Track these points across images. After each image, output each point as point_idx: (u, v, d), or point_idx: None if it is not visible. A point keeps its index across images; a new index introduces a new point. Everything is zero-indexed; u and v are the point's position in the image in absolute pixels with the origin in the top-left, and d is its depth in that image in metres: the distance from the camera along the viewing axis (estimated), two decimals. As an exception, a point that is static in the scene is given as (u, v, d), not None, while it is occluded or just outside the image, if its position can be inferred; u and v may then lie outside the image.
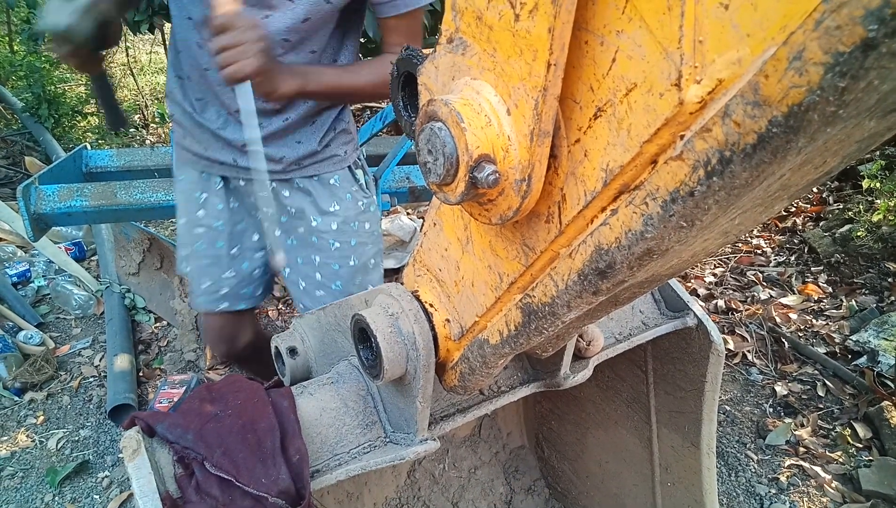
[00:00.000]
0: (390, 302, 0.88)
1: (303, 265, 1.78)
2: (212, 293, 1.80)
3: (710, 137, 0.45)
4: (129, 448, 0.86)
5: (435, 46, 0.68)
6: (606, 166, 0.55)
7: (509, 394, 1.16)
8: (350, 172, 1.77)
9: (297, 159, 1.65)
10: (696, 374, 1.35)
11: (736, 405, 2.76)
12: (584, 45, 0.54)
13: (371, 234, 1.81)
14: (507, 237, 0.71)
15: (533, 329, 0.73)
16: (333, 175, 1.72)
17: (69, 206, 2.40)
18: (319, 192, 1.71)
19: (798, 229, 3.96)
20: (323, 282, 1.78)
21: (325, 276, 1.77)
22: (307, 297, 1.81)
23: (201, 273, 1.78)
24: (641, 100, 0.50)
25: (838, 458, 2.45)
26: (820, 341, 3.04)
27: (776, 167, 0.45)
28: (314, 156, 1.67)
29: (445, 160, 0.59)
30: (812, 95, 0.38)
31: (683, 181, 0.48)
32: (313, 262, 1.76)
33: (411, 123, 0.76)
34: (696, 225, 0.51)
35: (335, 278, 1.77)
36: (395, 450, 0.99)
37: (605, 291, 0.62)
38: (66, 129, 6.19)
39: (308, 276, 1.79)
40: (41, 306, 3.62)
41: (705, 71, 0.45)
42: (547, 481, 1.97)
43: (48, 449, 2.63)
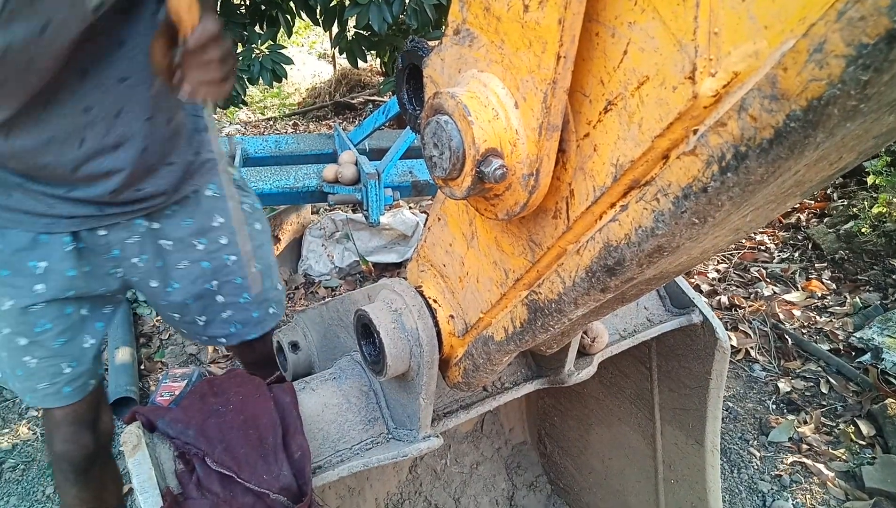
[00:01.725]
0: (394, 298, 0.87)
1: (195, 302, 1.51)
2: (78, 377, 1.43)
3: (725, 132, 0.44)
4: (129, 443, 0.85)
5: (441, 38, 0.67)
6: (616, 161, 0.53)
7: (513, 391, 1.16)
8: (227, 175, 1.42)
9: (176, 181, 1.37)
10: (700, 371, 1.34)
11: (739, 402, 2.75)
12: (595, 37, 0.53)
13: (263, 233, 1.59)
14: (513, 233, 0.70)
15: (539, 326, 0.72)
16: (210, 184, 1.46)
17: None
18: (198, 209, 1.44)
19: (802, 226, 3.94)
20: (228, 302, 1.54)
21: (229, 295, 1.53)
22: (213, 326, 1.57)
23: (56, 359, 1.39)
24: (654, 93, 0.49)
25: (841, 455, 2.44)
26: (823, 338, 3.03)
27: (792, 163, 0.43)
28: (190, 168, 1.40)
29: (451, 154, 0.58)
30: (833, 89, 0.37)
31: (696, 177, 0.47)
32: (210, 290, 1.51)
33: (416, 116, 0.75)
34: (709, 222, 0.50)
35: (241, 290, 1.54)
36: (398, 447, 0.98)
37: (613, 288, 0.61)
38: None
39: (207, 307, 1.53)
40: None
41: (720, 64, 0.43)
42: (549, 477, 1.96)
43: (50, 442, 2.63)
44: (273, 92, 7.99)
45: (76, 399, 1.44)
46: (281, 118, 7.50)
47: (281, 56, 3.61)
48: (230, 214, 1.43)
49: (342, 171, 2.95)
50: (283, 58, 3.61)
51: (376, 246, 3.80)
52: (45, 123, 1.14)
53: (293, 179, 2.97)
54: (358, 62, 3.71)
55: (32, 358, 1.36)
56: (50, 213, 1.26)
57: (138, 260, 1.41)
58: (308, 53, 9.91)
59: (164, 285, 1.47)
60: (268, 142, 3.45)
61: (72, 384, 1.42)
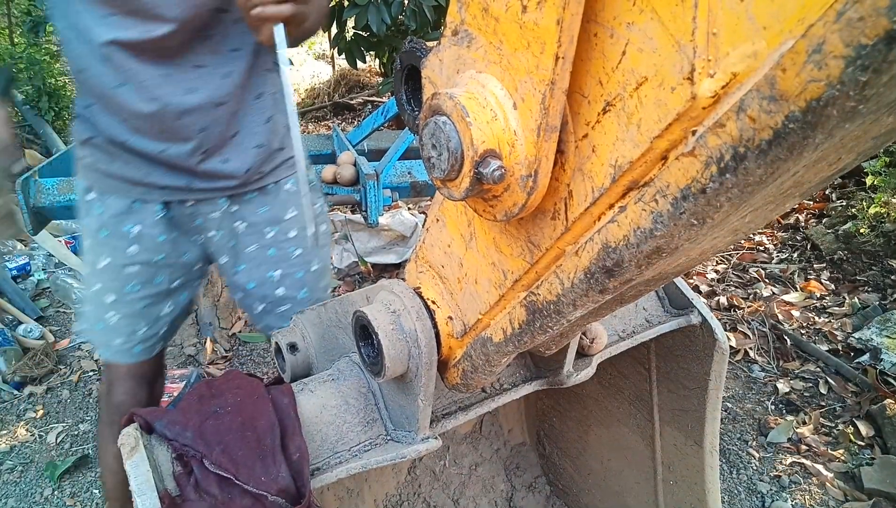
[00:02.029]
0: (392, 299, 0.87)
1: (257, 288, 1.62)
2: (149, 339, 1.59)
3: (724, 133, 0.44)
4: (127, 446, 0.85)
5: (439, 39, 0.67)
6: (615, 162, 0.53)
7: (512, 392, 1.15)
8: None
9: (257, 167, 1.51)
10: (699, 372, 1.33)
11: (738, 403, 2.76)
12: (594, 38, 0.52)
13: (326, 235, 1.72)
14: (511, 234, 0.70)
15: (538, 328, 0.72)
16: (289, 179, 1.58)
17: (69, 199, 2.39)
18: (275, 200, 1.57)
19: (801, 226, 3.94)
20: (287, 295, 1.63)
21: (288, 288, 1.62)
22: (269, 316, 1.66)
23: (135, 319, 1.54)
24: (652, 94, 0.48)
25: (840, 456, 2.44)
26: (822, 338, 3.03)
27: (791, 164, 0.43)
28: (272, 160, 1.53)
29: (450, 155, 0.58)
30: (832, 90, 0.37)
31: (695, 178, 0.47)
32: (272, 279, 1.60)
33: (415, 117, 0.75)
34: (708, 223, 0.49)
35: (300, 286, 1.63)
36: (397, 448, 0.98)
37: (612, 289, 0.61)
38: (66, 122, 6.18)
39: (266, 296, 1.62)
40: (41, 299, 3.62)
41: (719, 64, 0.43)
42: (548, 478, 1.96)
43: (47, 443, 2.63)
44: (272, 93, 7.97)
45: (144, 359, 1.59)
46: (280, 119, 7.48)
47: (280, 57, 3.61)
48: (303, 209, 1.52)
49: (341, 172, 2.95)
50: (281, 59, 3.61)
51: (375, 247, 3.80)
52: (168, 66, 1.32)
53: (292, 179, 2.96)
54: (357, 63, 3.71)
55: (115, 314, 1.51)
56: (145, 181, 1.43)
57: (215, 233, 1.55)
58: (307, 54, 9.91)
59: (233, 264, 1.59)
60: (266, 143, 3.44)
61: (143, 344, 1.57)
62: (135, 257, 1.48)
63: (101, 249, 1.48)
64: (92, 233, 1.48)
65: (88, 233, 1.50)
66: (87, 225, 1.49)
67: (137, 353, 1.57)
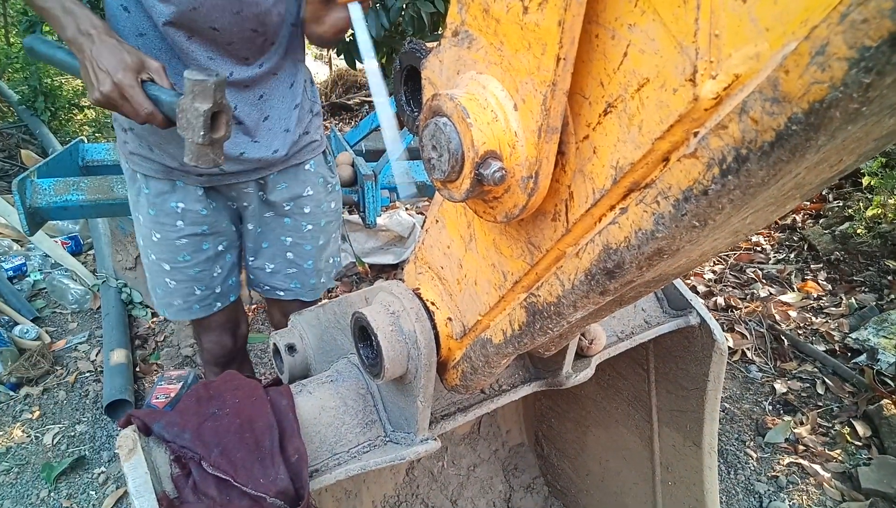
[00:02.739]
0: (391, 300, 0.87)
1: (268, 248, 1.81)
2: (206, 299, 1.77)
3: (726, 135, 0.44)
4: (124, 447, 0.84)
5: (439, 40, 0.67)
6: (616, 164, 0.53)
7: (511, 393, 1.15)
8: (323, 156, 1.82)
9: (287, 150, 1.64)
10: (698, 373, 1.33)
11: (735, 403, 2.76)
12: (595, 39, 0.52)
13: (336, 212, 1.88)
14: (511, 235, 0.70)
15: (538, 329, 0.71)
16: (310, 161, 1.75)
17: (65, 200, 2.38)
18: (294, 179, 1.72)
19: (798, 227, 3.95)
20: (294, 261, 1.83)
21: (297, 256, 1.82)
22: (275, 277, 1.85)
23: (190, 283, 1.73)
24: (654, 95, 0.48)
25: (837, 456, 2.44)
26: (819, 338, 3.03)
27: (794, 166, 0.43)
28: (298, 144, 1.68)
29: (450, 156, 0.58)
30: (835, 92, 0.37)
31: (697, 180, 0.47)
32: (283, 243, 1.79)
33: (414, 118, 0.74)
34: (709, 225, 0.49)
35: (307, 257, 1.83)
36: (395, 450, 0.97)
37: (612, 291, 0.61)
38: (62, 122, 6.17)
39: (276, 257, 1.82)
40: (37, 300, 3.61)
41: (721, 66, 0.43)
42: (546, 479, 1.96)
43: (44, 445, 2.62)
44: (269, 93, 7.96)
45: (203, 315, 1.79)
46: (277, 119, 7.47)
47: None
48: (318, 188, 1.77)
49: (338, 172, 2.95)
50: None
51: (373, 247, 3.80)
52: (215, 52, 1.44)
53: (289, 180, 2.95)
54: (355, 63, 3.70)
55: (172, 281, 1.70)
56: (185, 169, 1.56)
57: (247, 205, 1.73)
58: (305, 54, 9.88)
59: (255, 228, 1.79)
60: (264, 143, 3.43)
61: (200, 303, 1.76)
62: (182, 231, 1.64)
63: (151, 225, 1.64)
64: (143, 211, 1.64)
65: (140, 210, 1.65)
66: (137, 204, 1.65)
67: (197, 310, 1.77)
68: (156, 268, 1.71)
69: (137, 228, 1.71)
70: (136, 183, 1.62)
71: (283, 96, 1.60)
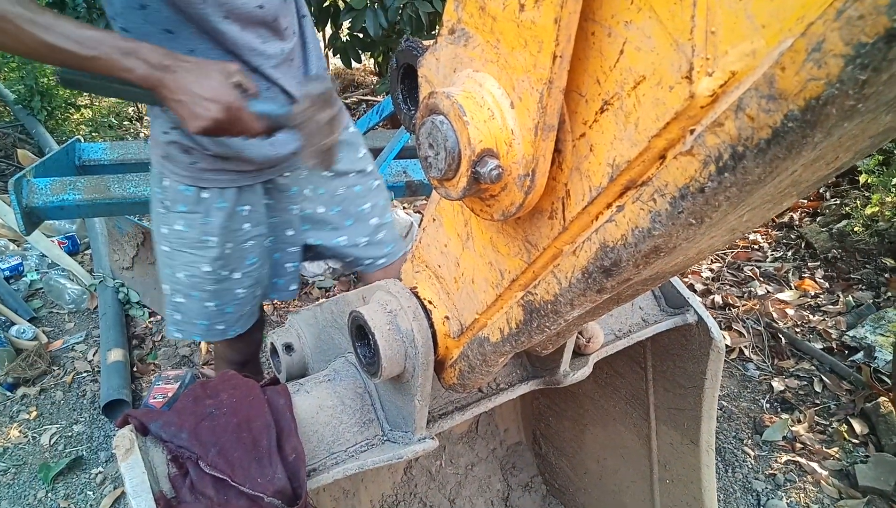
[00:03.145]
0: (388, 299, 0.87)
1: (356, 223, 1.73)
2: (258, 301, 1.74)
3: (722, 132, 0.44)
4: (121, 447, 0.84)
5: (436, 38, 0.67)
6: (613, 162, 0.53)
7: (508, 392, 1.15)
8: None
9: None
10: (695, 371, 1.34)
11: (733, 401, 2.76)
12: (591, 37, 0.52)
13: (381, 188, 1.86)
14: (508, 234, 0.69)
15: (535, 327, 0.71)
16: (349, 127, 1.71)
17: (62, 199, 2.37)
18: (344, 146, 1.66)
19: (795, 225, 3.95)
20: (380, 223, 1.77)
21: (379, 216, 1.76)
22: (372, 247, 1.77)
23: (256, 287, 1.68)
24: (650, 93, 0.48)
25: (835, 454, 2.45)
26: (817, 336, 3.04)
27: (790, 163, 0.43)
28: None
29: (447, 154, 0.58)
30: (831, 89, 0.37)
31: (693, 177, 0.47)
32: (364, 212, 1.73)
33: (411, 116, 0.74)
34: (706, 222, 0.49)
35: (385, 210, 1.79)
36: (393, 449, 0.97)
37: (609, 289, 0.61)
38: (59, 121, 6.15)
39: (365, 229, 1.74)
40: (34, 300, 3.60)
41: (717, 63, 0.43)
42: (544, 477, 1.96)
43: (41, 445, 2.61)
44: (266, 92, 7.95)
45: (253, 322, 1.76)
46: (274, 119, 7.46)
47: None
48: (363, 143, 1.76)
49: (336, 171, 2.94)
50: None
51: (370, 247, 3.79)
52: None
53: (287, 179, 2.95)
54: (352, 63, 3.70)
55: (241, 289, 1.64)
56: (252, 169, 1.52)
57: (308, 190, 1.65)
58: (301, 54, 9.87)
59: (328, 209, 1.70)
60: (261, 142, 3.43)
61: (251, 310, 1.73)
62: (249, 233, 1.60)
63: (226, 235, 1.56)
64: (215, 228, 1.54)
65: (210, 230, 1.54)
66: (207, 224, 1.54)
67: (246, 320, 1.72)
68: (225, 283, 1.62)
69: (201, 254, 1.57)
70: (205, 202, 1.52)
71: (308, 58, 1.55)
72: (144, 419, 0.89)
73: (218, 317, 1.65)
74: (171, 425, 0.89)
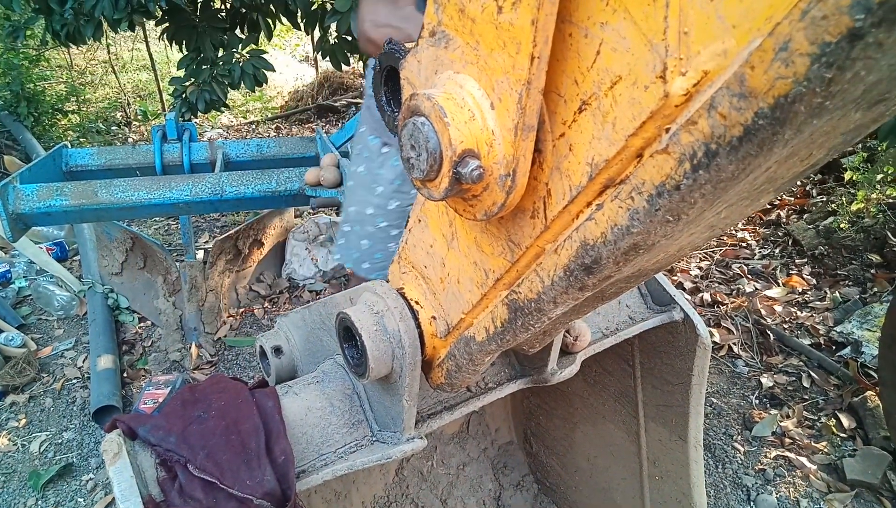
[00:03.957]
0: (375, 300, 0.87)
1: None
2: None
3: (696, 130, 0.44)
4: (109, 452, 0.84)
5: (417, 41, 0.67)
6: (592, 161, 0.54)
7: (496, 391, 1.16)
8: None
9: None
10: (683, 368, 1.35)
11: (722, 398, 2.78)
12: (568, 38, 0.53)
13: None
14: (492, 233, 0.70)
15: (519, 326, 0.72)
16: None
17: (49, 205, 2.36)
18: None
19: (782, 222, 3.99)
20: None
21: None
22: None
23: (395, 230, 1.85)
24: (626, 93, 0.49)
25: (823, 448, 2.47)
26: (804, 332, 3.06)
27: (762, 160, 0.44)
28: None
29: (429, 155, 0.58)
30: (798, 87, 0.37)
31: (669, 175, 0.47)
32: None
33: (395, 118, 0.75)
34: (683, 219, 0.50)
35: None
36: (382, 449, 0.98)
37: (591, 286, 0.61)
38: (45, 127, 6.11)
39: None
40: (22, 307, 3.57)
41: (690, 63, 0.44)
42: (535, 476, 1.97)
43: (31, 453, 2.60)
44: (255, 96, 7.95)
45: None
46: (263, 122, 7.46)
47: (262, 61, 3.60)
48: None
49: (324, 174, 2.94)
50: (264, 63, 3.60)
51: (360, 249, 3.79)
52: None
53: (275, 182, 2.95)
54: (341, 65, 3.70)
55: (393, 244, 1.81)
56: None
57: None
58: (291, 56, 9.87)
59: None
60: (249, 146, 3.42)
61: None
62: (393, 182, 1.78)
63: (393, 195, 1.77)
64: (385, 181, 1.76)
65: (381, 181, 1.76)
66: (381, 174, 1.77)
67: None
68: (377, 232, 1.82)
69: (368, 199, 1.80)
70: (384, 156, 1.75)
71: None
72: (132, 423, 0.89)
73: (367, 256, 1.85)
74: (160, 428, 0.89)
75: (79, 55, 8.74)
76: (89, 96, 7.69)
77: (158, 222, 4.67)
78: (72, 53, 8.38)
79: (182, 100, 3.75)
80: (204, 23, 3.57)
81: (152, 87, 7.51)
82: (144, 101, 7.80)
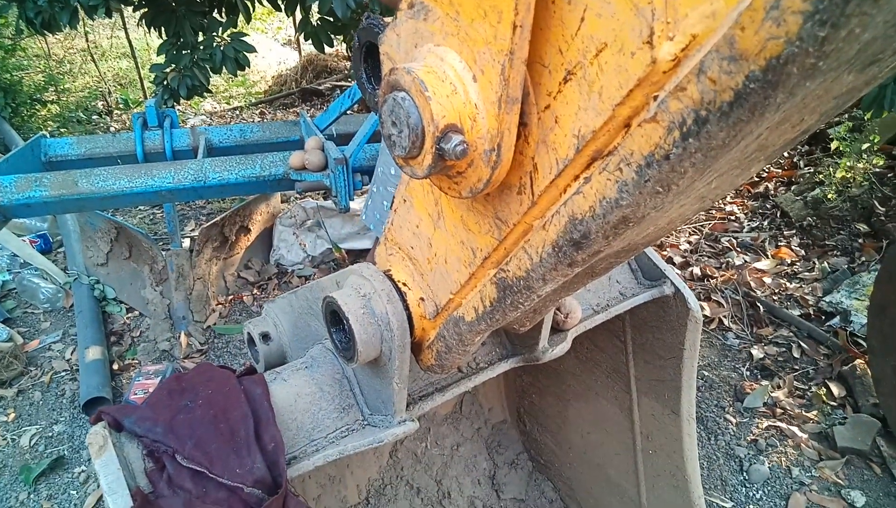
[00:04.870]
0: (362, 283, 0.85)
1: None
2: None
3: (685, 97, 0.43)
4: (95, 445, 0.83)
5: (395, 13, 0.65)
6: (578, 132, 0.52)
7: (488, 370, 1.15)
8: None
9: None
10: (674, 342, 1.34)
11: (714, 370, 2.80)
12: (552, 5, 0.51)
13: None
14: (478, 211, 0.69)
15: (508, 304, 0.71)
16: None
17: (28, 196, 2.32)
18: None
19: (770, 194, 3.99)
20: None
21: None
22: None
23: None
24: (612, 60, 0.47)
25: (814, 417, 2.49)
26: (794, 303, 3.08)
27: (754, 126, 0.43)
28: None
29: (410, 132, 0.56)
30: (791, 47, 0.36)
31: (658, 144, 0.46)
32: None
33: (375, 94, 0.73)
34: (673, 190, 0.49)
35: None
36: (374, 433, 0.97)
37: (580, 262, 0.60)
38: (24, 118, 6.01)
39: None
40: (7, 301, 3.53)
41: (678, 26, 0.42)
42: (530, 454, 1.97)
43: (21, 447, 2.58)
44: (238, 81, 7.84)
45: None
46: (247, 107, 7.37)
47: (243, 44, 3.53)
48: None
49: (309, 157, 2.90)
50: (245, 46, 3.54)
51: (349, 233, 3.77)
52: None
53: (259, 167, 2.91)
54: (324, 47, 3.64)
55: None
56: None
57: None
58: (273, 40, 9.74)
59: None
60: (232, 131, 3.37)
61: None
62: None
63: None
64: None
65: None
66: None
67: None
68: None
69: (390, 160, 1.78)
70: None
71: None
72: (118, 414, 0.87)
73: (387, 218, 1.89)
74: (146, 419, 0.87)
75: (56, 44, 8.57)
76: (68, 86, 7.56)
77: (143, 211, 4.61)
78: (49, 42, 8.21)
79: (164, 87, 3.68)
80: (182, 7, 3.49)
81: (133, 74, 7.38)
82: (126, 89, 7.67)
